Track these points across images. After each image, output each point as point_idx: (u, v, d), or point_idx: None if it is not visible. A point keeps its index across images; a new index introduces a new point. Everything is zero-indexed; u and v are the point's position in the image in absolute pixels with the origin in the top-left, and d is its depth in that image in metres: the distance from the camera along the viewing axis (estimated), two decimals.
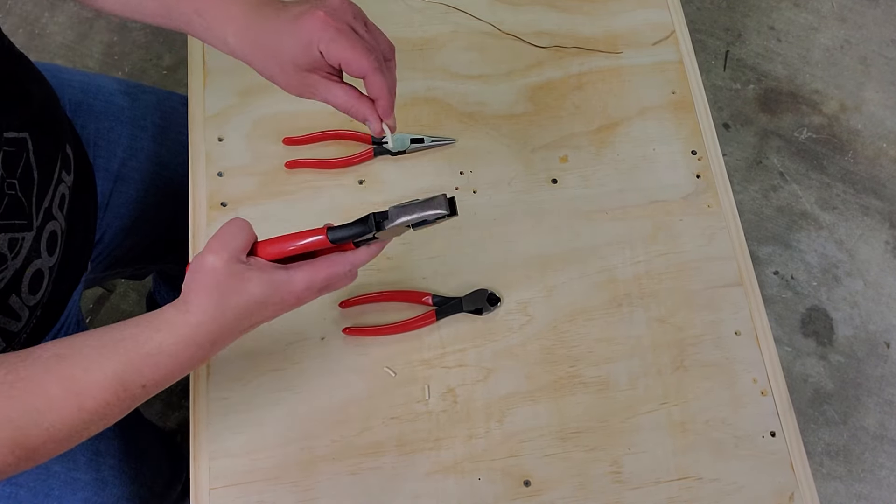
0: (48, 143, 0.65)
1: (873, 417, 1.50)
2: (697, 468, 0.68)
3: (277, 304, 0.52)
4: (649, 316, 0.73)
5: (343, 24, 0.53)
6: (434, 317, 0.70)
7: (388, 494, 0.64)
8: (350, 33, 0.53)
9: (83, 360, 0.50)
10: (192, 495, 0.63)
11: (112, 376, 0.50)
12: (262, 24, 0.55)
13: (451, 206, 0.53)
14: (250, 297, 0.51)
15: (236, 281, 0.51)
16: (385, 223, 0.53)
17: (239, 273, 0.51)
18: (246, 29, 0.55)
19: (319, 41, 0.53)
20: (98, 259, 0.84)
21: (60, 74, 0.83)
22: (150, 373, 0.51)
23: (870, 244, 1.63)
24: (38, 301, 0.66)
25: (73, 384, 0.49)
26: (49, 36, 1.65)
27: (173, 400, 1.35)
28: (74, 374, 0.49)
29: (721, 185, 0.80)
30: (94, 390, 0.49)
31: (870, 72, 1.80)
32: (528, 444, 0.67)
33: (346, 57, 0.53)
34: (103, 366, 0.50)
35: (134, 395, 0.51)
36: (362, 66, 0.53)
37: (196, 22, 0.57)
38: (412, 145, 0.77)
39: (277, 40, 0.54)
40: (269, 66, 0.56)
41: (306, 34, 0.53)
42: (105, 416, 0.51)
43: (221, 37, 0.56)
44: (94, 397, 0.49)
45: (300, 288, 0.52)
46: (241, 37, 0.56)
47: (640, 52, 0.85)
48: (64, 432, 0.50)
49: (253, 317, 0.52)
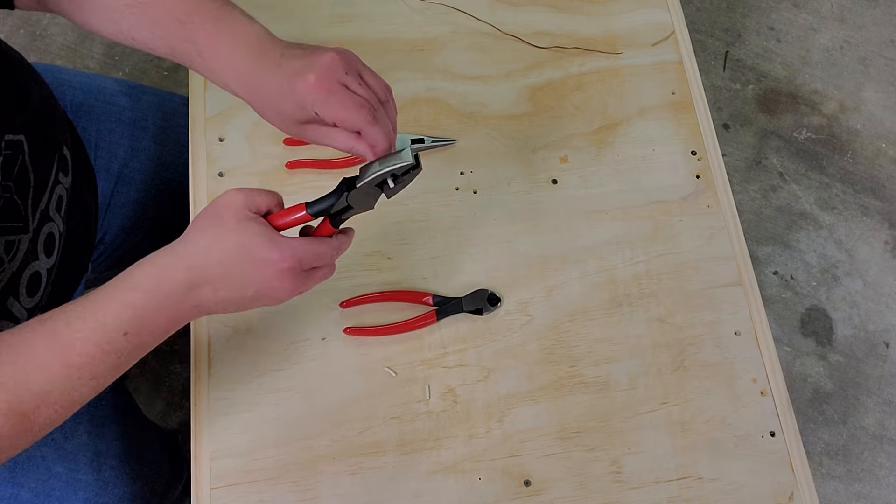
0: (44, 144, 0.65)
1: (872, 417, 1.50)
2: (697, 468, 0.68)
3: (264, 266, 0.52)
4: (649, 316, 0.73)
5: (334, 84, 0.55)
6: (434, 317, 0.70)
7: (389, 494, 0.64)
8: (341, 92, 0.55)
9: (66, 315, 0.50)
10: (192, 495, 0.63)
11: (92, 323, 0.49)
12: (261, 77, 0.56)
13: (416, 159, 0.54)
14: (244, 241, 0.51)
15: (238, 221, 0.51)
16: (357, 182, 0.55)
17: (242, 217, 0.52)
18: (246, 78, 0.57)
19: (313, 104, 0.55)
20: (99, 260, 0.84)
21: (61, 75, 0.83)
22: (128, 315, 0.50)
23: (869, 244, 1.64)
24: (36, 303, 0.66)
25: (56, 339, 0.49)
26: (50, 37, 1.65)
27: (174, 400, 1.35)
28: (58, 329, 0.49)
29: (721, 186, 0.80)
30: (76, 343, 0.49)
31: (869, 72, 1.80)
32: (528, 443, 0.67)
33: (339, 117, 0.55)
34: (83, 315, 0.49)
35: (119, 347, 0.50)
36: (355, 123, 0.55)
37: (199, 63, 0.58)
38: (412, 145, 0.77)
39: (275, 97, 0.56)
40: (268, 115, 0.58)
41: (300, 98, 0.55)
42: (94, 374, 0.50)
43: (222, 80, 0.58)
44: (78, 352, 0.49)
45: (289, 254, 0.52)
46: (242, 85, 0.57)
47: (639, 52, 0.86)
48: (55, 394, 0.49)
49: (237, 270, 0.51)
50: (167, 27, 0.58)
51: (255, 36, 0.57)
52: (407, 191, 0.76)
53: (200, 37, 0.57)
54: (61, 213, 0.68)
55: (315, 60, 0.55)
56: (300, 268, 0.53)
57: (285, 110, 0.56)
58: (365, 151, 0.57)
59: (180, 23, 0.57)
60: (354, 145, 0.57)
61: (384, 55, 0.82)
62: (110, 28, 0.61)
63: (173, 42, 0.58)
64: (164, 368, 1.36)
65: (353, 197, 0.55)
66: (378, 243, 0.73)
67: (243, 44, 0.57)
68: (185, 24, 0.57)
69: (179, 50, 0.58)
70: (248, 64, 0.56)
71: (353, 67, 0.57)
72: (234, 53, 0.57)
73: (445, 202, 0.76)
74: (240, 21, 0.58)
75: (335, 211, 0.56)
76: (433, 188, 0.76)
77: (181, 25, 0.57)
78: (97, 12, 0.60)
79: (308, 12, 0.83)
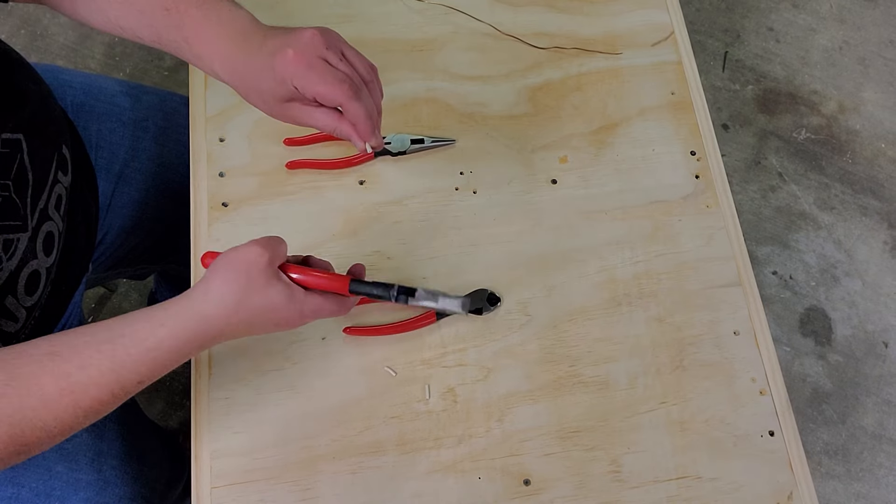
0: (43, 143, 0.65)
1: (872, 417, 1.50)
2: (696, 467, 0.68)
3: (283, 319, 0.56)
4: (648, 316, 0.73)
5: (314, 59, 0.55)
6: (434, 316, 0.70)
7: (389, 493, 0.64)
8: (321, 66, 0.55)
9: (78, 358, 0.51)
10: (193, 494, 0.63)
11: (109, 374, 0.50)
12: (244, 59, 0.57)
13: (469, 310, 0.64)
14: (269, 302, 0.54)
15: (265, 281, 0.54)
16: (409, 300, 0.61)
17: (271, 276, 0.54)
18: (230, 62, 0.58)
19: (293, 78, 0.55)
20: (100, 260, 0.84)
21: (62, 76, 0.83)
22: (146, 370, 0.52)
23: (868, 244, 1.64)
24: (35, 302, 0.66)
25: (68, 383, 0.50)
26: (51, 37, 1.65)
27: (175, 400, 1.35)
28: (70, 372, 0.50)
29: (720, 186, 0.80)
30: (90, 388, 0.50)
31: (868, 72, 1.80)
32: (527, 443, 0.67)
33: (318, 91, 0.55)
34: (100, 364, 0.50)
35: (129, 392, 0.52)
36: (336, 97, 0.55)
37: (185, 49, 0.59)
38: (412, 146, 0.77)
39: (257, 76, 0.57)
40: (252, 97, 0.59)
41: (279, 73, 0.55)
42: (99, 412, 0.52)
43: (209, 66, 0.59)
44: (90, 396, 0.50)
45: (308, 311, 0.56)
46: (227, 68, 0.58)
47: (639, 52, 0.86)
48: (58, 429, 0.50)
49: (258, 323, 0.55)
50: (153, 15, 0.58)
51: (240, 21, 0.58)
52: (407, 191, 0.76)
53: (187, 23, 0.58)
54: (60, 212, 0.68)
55: (295, 37, 0.56)
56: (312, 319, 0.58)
57: (266, 88, 0.57)
58: (348, 132, 0.57)
59: (166, 10, 0.58)
60: (336, 125, 0.58)
61: (384, 55, 0.82)
62: (98, 17, 0.62)
63: (160, 29, 0.59)
64: None
65: (399, 299, 0.61)
66: (378, 243, 0.74)
67: (229, 28, 0.57)
68: (171, 11, 0.58)
69: (166, 37, 0.59)
70: (233, 48, 0.57)
71: (335, 44, 0.57)
72: (220, 38, 0.57)
73: (445, 202, 0.76)
74: (225, 6, 0.58)
75: (372, 295, 0.60)
76: (433, 188, 0.77)
77: (167, 13, 0.58)
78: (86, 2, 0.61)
79: (308, 12, 0.83)
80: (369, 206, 0.75)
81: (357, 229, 0.74)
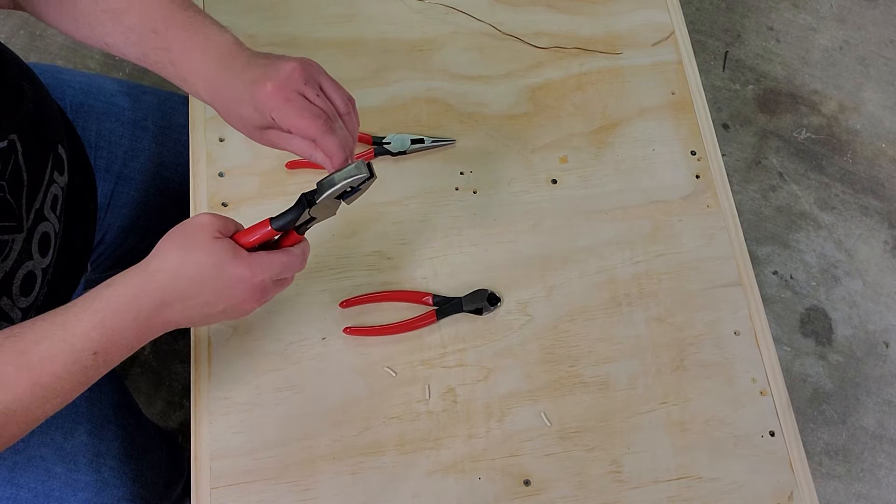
0: (39, 143, 0.65)
1: (872, 417, 1.50)
2: (697, 467, 0.68)
3: (236, 282, 0.53)
4: (649, 316, 0.73)
5: (291, 93, 0.56)
6: (434, 317, 0.70)
7: (389, 494, 0.64)
8: (298, 101, 0.56)
9: (32, 332, 0.50)
10: (193, 495, 0.63)
11: (61, 343, 0.50)
12: (225, 83, 0.58)
13: (370, 169, 0.57)
14: (216, 259, 0.52)
15: (210, 239, 0.53)
16: (315, 197, 0.57)
17: (216, 237, 0.53)
18: (214, 86, 0.58)
19: (271, 110, 0.56)
20: (99, 260, 0.84)
21: (61, 76, 0.83)
22: (98, 335, 0.51)
23: (869, 244, 1.64)
24: (31, 303, 0.66)
25: (24, 358, 0.49)
26: (50, 37, 1.65)
27: (175, 400, 1.35)
28: (27, 348, 0.49)
29: (720, 186, 0.80)
30: (45, 363, 0.49)
31: (868, 72, 1.80)
32: (527, 443, 0.67)
33: (294, 124, 0.56)
34: (53, 334, 0.50)
35: (86, 366, 0.51)
36: (310, 132, 0.56)
37: (170, 70, 0.60)
38: (412, 146, 0.77)
39: (237, 103, 0.57)
40: (232, 121, 0.60)
41: (258, 103, 0.56)
42: (59, 391, 0.51)
43: (193, 88, 0.60)
44: (47, 372, 0.49)
45: (259, 269, 0.54)
46: (210, 92, 0.59)
47: (639, 52, 0.86)
48: (19, 412, 0.50)
49: (209, 288, 0.53)
50: (141, 34, 0.59)
51: (225, 44, 0.58)
52: (407, 191, 0.76)
53: (173, 46, 0.58)
54: (57, 212, 0.68)
55: (276, 69, 0.56)
56: (270, 279, 0.55)
57: (245, 115, 0.57)
58: (323, 161, 0.58)
59: (154, 32, 0.58)
60: (312, 153, 0.59)
61: (384, 55, 0.82)
62: (84, 31, 0.62)
63: (146, 49, 0.59)
64: (164, 368, 1.36)
65: (314, 210, 0.57)
66: (378, 243, 0.73)
67: (214, 52, 0.58)
68: (158, 33, 0.58)
69: (152, 58, 0.60)
70: (216, 71, 0.58)
71: (313, 78, 0.58)
72: (205, 61, 0.58)
73: (445, 202, 0.76)
74: (211, 30, 0.59)
75: (299, 224, 0.58)
76: (433, 188, 0.76)
77: (155, 35, 0.59)
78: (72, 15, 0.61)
79: (308, 12, 0.83)
80: (369, 206, 0.75)
81: (357, 229, 0.74)
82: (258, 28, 0.81)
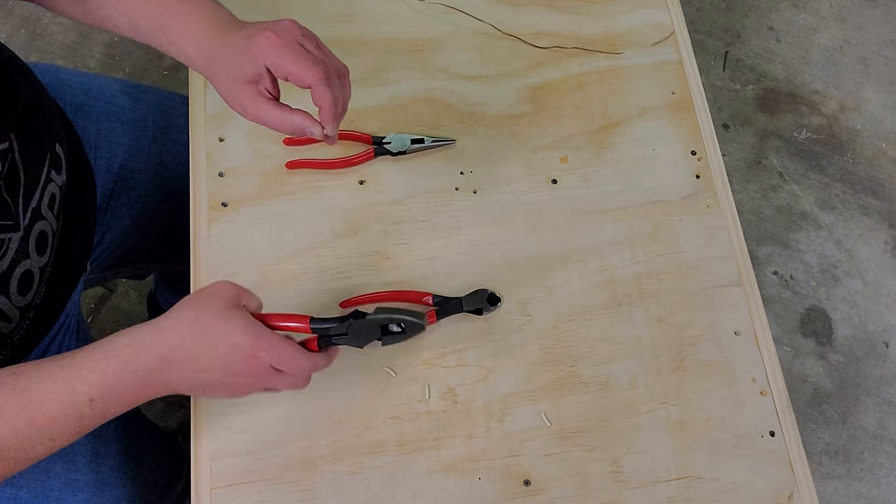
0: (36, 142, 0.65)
1: (872, 417, 1.50)
2: (697, 467, 0.68)
3: (238, 351, 0.53)
4: (649, 316, 0.73)
5: (291, 41, 0.56)
6: (434, 317, 0.70)
7: (389, 494, 0.64)
8: (297, 48, 0.56)
9: (40, 373, 0.51)
10: (193, 495, 0.63)
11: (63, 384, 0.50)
12: (218, 41, 0.58)
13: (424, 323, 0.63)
14: (227, 327, 0.52)
15: (226, 308, 0.53)
16: (366, 314, 0.61)
17: (233, 305, 0.54)
18: (205, 46, 0.59)
19: (266, 56, 0.56)
20: (98, 259, 0.84)
21: (61, 75, 0.83)
22: (98, 381, 0.51)
23: (869, 244, 1.64)
24: (29, 302, 0.65)
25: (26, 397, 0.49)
26: (50, 36, 1.65)
27: (175, 400, 1.35)
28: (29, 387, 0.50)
29: (720, 186, 0.80)
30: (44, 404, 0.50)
31: (869, 72, 1.80)
32: (528, 443, 0.67)
33: (290, 69, 0.55)
34: (55, 374, 0.50)
35: (81, 412, 0.51)
36: (307, 76, 0.55)
37: (161, 37, 0.60)
38: (412, 146, 0.77)
39: (228, 55, 0.58)
40: (216, 73, 0.59)
41: (253, 51, 0.56)
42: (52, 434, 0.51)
43: (183, 51, 0.60)
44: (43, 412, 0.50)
45: (264, 345, 0.53)
46: (200, 52, 0.59)
47: (639, 52, 0.86)
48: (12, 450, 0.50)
49: (211, 351, 0.53)
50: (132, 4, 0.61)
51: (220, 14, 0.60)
52: (407, 191, 0.76)
53: (166, 13, 0.59)
54: (54, 211, 0.68)
55: (273, 22, 0.58)
56: (269, 362, 0.54)
57: (234, 66, 0.57)
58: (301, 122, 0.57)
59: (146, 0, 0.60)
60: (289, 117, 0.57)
61: (384, 55, 0.82)
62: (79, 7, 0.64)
63: (137, 19, 0.61)
64: None
65: (354, 326, 0.59)
66: (378, 243, 0.73)
67: (211, 21, 0.59)
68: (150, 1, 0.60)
69: (143, 26, 0.61)
70: (209, 33, 0.59)
71: (312, 36, 0.59)
72: (198, 28, 0.59)
73: (445, 202, 0.76)
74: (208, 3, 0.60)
75: (332, 334, 0.59)
76: (433, 188, 0.76)
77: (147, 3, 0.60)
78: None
79: (308, 12, 0.83)
80: (369, 206, 0.75)
81: (357, 229, 0.74)
82: None
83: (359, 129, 0.77)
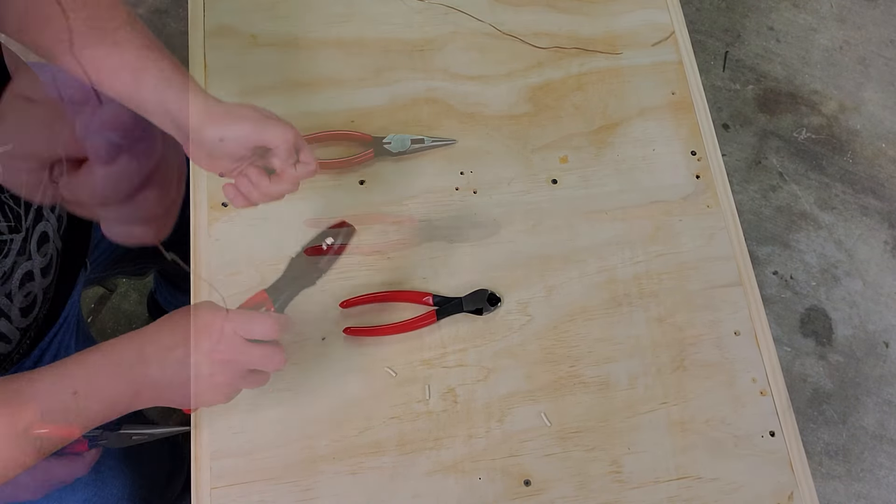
0: None
1: (872, 417, 1.50)
2: (697, 468, 0.68)
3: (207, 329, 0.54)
4: (649, 316, 0.73)
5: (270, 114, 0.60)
6: (434, 317, 0.70)
7: (389, 494, 0.64)
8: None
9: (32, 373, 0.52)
10: (193, 495, 0.63)
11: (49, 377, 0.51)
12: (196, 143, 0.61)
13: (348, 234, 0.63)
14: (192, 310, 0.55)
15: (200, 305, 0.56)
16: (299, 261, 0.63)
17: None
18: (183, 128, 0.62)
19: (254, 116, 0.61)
20: (98, 259, 0.84)
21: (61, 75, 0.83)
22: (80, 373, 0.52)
23: (869, 244, 1.64)
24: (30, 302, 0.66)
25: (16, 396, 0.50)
26: None
27: None
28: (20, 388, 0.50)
29: (720, 186, 0.80)
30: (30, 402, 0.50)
31: (869, 72, 1.80)
32: (528, 443, 0.67)
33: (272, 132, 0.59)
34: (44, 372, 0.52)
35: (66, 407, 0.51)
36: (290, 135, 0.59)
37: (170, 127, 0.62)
38: (412, 146, 0.77)
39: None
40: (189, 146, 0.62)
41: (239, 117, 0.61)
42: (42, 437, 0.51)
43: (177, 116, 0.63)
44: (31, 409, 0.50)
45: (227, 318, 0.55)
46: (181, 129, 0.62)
47: (639, 52, 0.86)
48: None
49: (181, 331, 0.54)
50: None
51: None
52: (407, 191, 0.76)
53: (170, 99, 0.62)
54: (55, 211, 0.68)
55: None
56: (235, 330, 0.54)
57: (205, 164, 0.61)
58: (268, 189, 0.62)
59: None
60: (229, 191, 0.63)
61: (384, 55, 0.82)
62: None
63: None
64: None
65: (293, 265, 0.62)
66: (378, 243, 0.73)
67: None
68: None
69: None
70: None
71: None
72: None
73: (445, 202, 0.76)
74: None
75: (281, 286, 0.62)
76: (433, 188, 0.76)
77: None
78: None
79: (308, 12, 0.83)
80: (369, 207, 0.75)
81: (358, 229, 0.74)
82: (258, 28, 0.81)
83: (359, 129, 0.77)
